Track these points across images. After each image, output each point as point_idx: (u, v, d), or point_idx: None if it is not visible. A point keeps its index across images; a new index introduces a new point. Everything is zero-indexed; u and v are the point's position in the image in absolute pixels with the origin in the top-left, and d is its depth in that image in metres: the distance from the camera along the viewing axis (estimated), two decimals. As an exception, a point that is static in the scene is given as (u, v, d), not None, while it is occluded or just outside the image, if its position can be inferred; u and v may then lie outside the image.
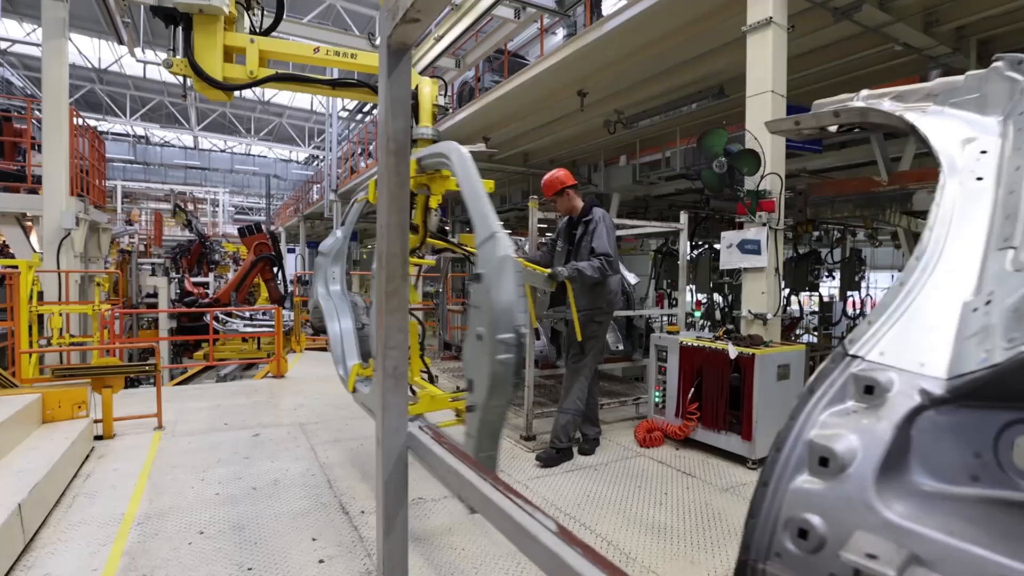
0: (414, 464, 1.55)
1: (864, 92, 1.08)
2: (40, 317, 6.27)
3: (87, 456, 4.06)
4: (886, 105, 1.01)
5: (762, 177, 4.57)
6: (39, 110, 7.16)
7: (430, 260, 3.46)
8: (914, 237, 7.81)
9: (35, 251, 6.97)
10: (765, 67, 4.70)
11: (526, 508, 0.84)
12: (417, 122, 3.36)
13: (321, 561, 2.70)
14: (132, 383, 6.72)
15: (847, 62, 6.99)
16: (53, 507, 3.20)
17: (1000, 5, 5.51)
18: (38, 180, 7.49)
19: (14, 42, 14.29)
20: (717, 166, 4.60)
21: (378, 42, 5.47)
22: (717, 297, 13.24)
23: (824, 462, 0.68)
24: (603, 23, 6.86)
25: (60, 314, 6.18)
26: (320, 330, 4.03)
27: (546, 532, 0.75)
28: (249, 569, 2.61)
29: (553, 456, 4.10)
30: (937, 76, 6.41)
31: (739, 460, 4.09)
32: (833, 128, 1.09)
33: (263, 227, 11.74)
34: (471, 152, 2.48)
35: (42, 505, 2.99)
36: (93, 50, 19.51)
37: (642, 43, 7.23)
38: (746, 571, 0.68)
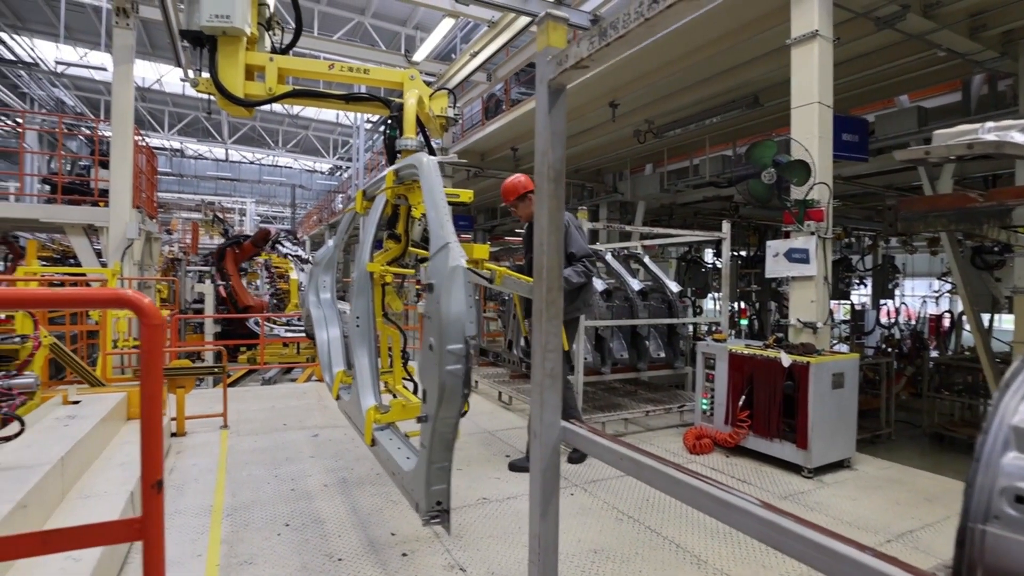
0: (475, 462, 1.65)
1: (990, 124, 1.20)
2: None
3: (167, 452, 4.29)
4: (1018, 138, 1.14)
5: (811, 187, 4.65)
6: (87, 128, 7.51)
7: (411, 271, 3.54)
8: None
9: (108, 261, 7.35)
10: (811, 79, 4.79)
11: (719, 485, 0.96)
12: (401, 134, 3.42)
13: (404, 555, 2.85)
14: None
15: (885, 69, 7.05)
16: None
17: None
18: (100, 193, 7.89)
19: (69, 65, 15.17)
20: (767, 177, 4.70)
21: (415, 57, 5.67)
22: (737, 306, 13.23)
23: (1031, 442, 0.82)
24: (641, 37, 6.99)
25: (125, 318, 6.50)
26: (312, 337, 4.10)
27: (753, 504, 0.87)
28: (339, 560, 2.77)
29: (578, 455, 4.28)
30: (981, 81, 6.42)
31: (793, 468, 4.13)
32: (953, 156, 1.21)
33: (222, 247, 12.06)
34: (441, 162, 2.57)
35: (142, 496, 3.20)
36: (136, 71, 20.28)
37: (677, 55, 7.36)
38: (966, 532, 0.83)
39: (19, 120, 15.64)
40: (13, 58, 15.60)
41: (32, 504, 2.40)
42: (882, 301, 13.20)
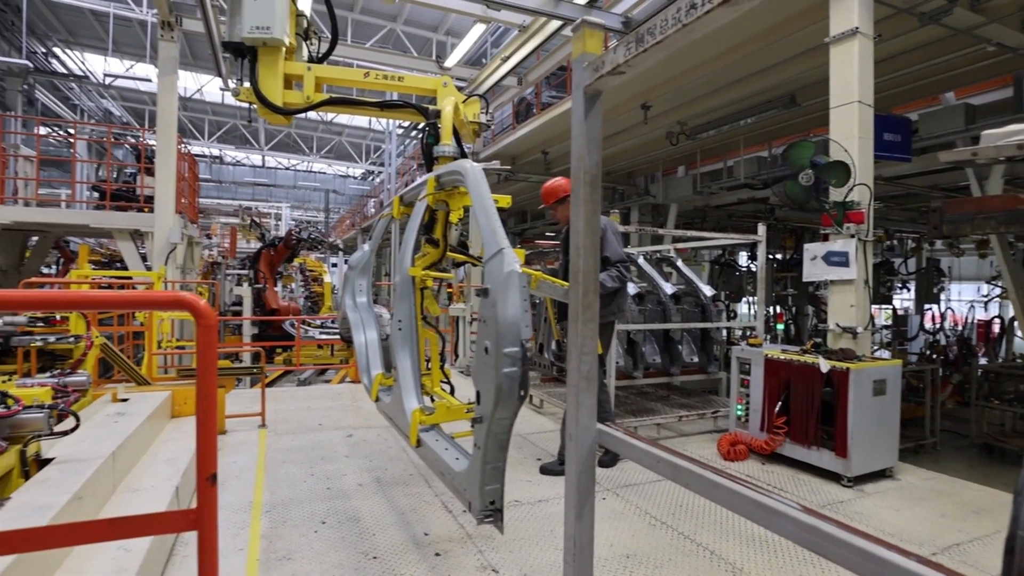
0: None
1: (1042, 123, 1.16)
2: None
3: (206, 451, 4.43)
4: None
5: (851, 188, 4.54)
6: (133, 137, 7.92)
7: (451, 274, 3.52)
8: None
9: (153, 264, 7.69)
10: (850, 77, 4.67)
11: (758, 488, 0.95)
12: (438, 141, 3.44)
13: (437, 554, 2.88)
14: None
15: (929, 66, 6.81)
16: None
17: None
18: (146, 199, 8.28)
19: (117, 77, 15.94)
20: (804, 178, 4.60)
21: (447, 63, 5.74)
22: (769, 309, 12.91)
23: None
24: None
25: (169, 320, 6.77)
26: (348, 340, 4.14)
27: (792, 508, 0.86)
28: (374, 557, 2.82)
29: (609, 458, 4.26)
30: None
31: (832, 477, 4.02)
32: (1002, 157, 1.17)
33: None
34: (484, 169, 2.59)
35: (189, 489, 3.32)
36: (178, 81, 21.13)
37: (711, 55, 7.26)
38: (1016, 540, 0.81)
39: (71, 130, 16.42)
40: (65, 72, 16.40)
41: (87, 496, 2.52)
42: (926, 306, 12.73)
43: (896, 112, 7.55)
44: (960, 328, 12.79)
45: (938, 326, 12.02)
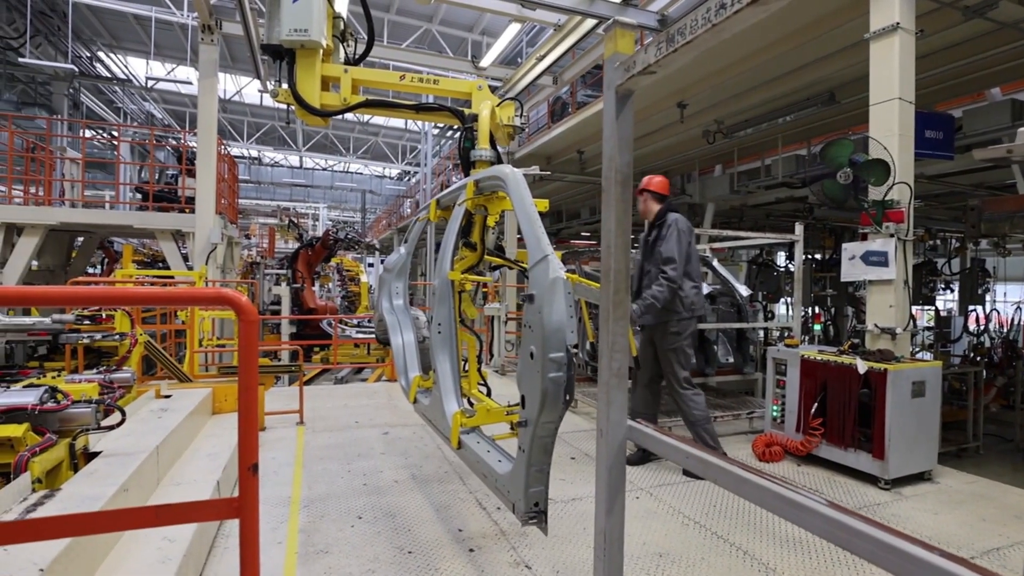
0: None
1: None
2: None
3: (246, 445, 4.58)
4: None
5: (890, 187, 4.42)
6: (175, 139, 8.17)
7: (488, 277, 3.53)
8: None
9: (195, 264, 7.96)
10: (891, 74, 4.54)
11: (786, 484, 0.96)
12: (474, 144, 3.45)
13: (471, 551, 2.93)
14: (262, 382, 7.38)
15: (974, 61, 6.57)
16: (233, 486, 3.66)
17: None
18: (187, 200, 8.57)
19: (158, 80, 16.49)
20: (843, 177, 4.50)
21: (482, 63, 5.77)
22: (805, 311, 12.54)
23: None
24: (708, 35, 6.83)
25: (210, 319, 7.00)
26: (384, 342, 4.17)
27: (819, 504, 0.87)
28: (409, 552, 2.89)
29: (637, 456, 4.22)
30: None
31: (869, 479, 3.95)
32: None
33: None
34: (524, 174, 2.59)
35: (229, 484, 3.45)
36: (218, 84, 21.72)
37: (748, 53, 7.15)
38: None
39: (114, 133, 17.04)
40: (109, 75, 17.03)
41: (132, 488, 2.63)
42: (971, 307, 12.23)
43: (939, 109, 7.31)
44: (1005, 330, 12.28)
45: (982, 328, 11.56)
